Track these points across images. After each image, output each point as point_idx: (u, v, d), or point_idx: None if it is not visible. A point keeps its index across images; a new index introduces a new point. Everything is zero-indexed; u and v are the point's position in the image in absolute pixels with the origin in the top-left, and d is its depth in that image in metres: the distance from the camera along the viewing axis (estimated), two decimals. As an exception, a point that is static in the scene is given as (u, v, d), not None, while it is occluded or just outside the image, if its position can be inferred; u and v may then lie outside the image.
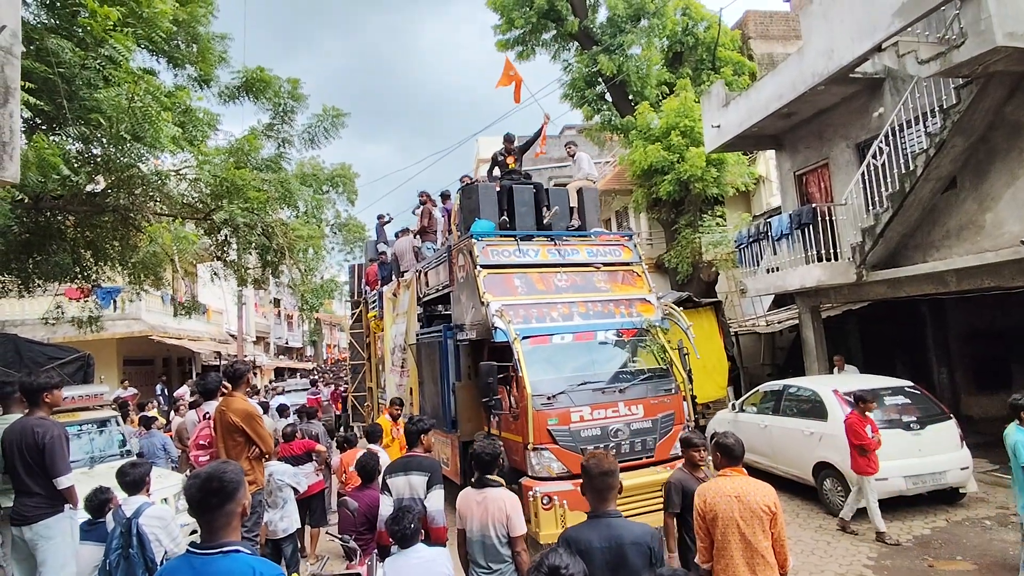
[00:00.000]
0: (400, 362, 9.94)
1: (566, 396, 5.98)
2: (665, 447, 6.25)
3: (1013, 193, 7.65)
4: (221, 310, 25.07)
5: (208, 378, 5.71)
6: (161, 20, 7.20)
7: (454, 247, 7.58)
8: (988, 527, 6.48)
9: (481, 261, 6.75)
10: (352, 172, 14.64)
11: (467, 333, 6.97)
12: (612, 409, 6.09)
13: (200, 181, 8.52)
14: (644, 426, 6.18)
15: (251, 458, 4.67)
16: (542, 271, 7.02)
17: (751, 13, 16.92)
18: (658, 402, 6.35)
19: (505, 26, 16.05)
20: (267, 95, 9.80)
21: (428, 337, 8.30)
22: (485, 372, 5.92)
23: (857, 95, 9.84)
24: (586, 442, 5.80)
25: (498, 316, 6.15)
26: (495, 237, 7.07)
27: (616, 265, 7.47)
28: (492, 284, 6.59)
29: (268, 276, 10.96)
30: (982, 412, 10.93)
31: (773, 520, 3.18)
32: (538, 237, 7.36)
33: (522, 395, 5.89)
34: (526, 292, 6.74)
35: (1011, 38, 6.47)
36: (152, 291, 13.08)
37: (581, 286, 7.07)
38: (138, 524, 3.64)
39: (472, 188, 7.84)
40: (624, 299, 7.09)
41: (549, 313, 6.62)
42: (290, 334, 41.88)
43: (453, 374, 7.37)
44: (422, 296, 8.95)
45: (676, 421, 6.37)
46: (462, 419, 7.11)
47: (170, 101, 7.28)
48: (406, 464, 4.33)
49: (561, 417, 5.87)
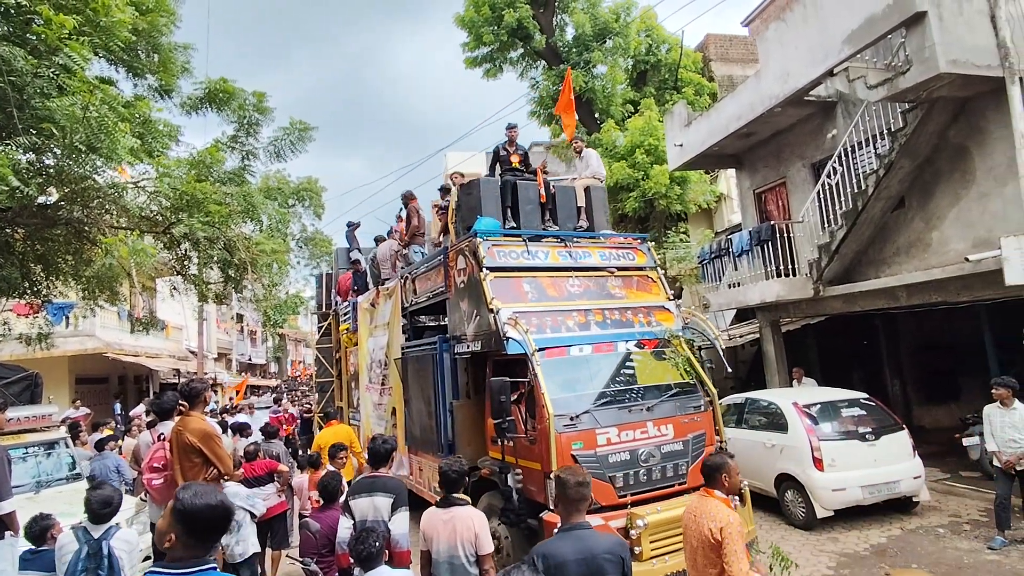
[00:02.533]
0: (380, 379, 9.14)
1: (590, 416, 5.29)
2: (698, 472, 5.73)
3: (957, 213, 8.03)
4: (181, 326, 24.35)
5: (164, 397, 5.51)
6: (119, 29, 7.03)
7: (452, 248, 6.80)
8: (941, 535, 6.69)
9: (487, 263, 6.01)
10: (319, 186, 14.47)
11: (469, 345, 6.25)
12: (640, 430, 5.40)
13: (159, 194, 8.31)
14: (675, 448, 5.51)
15: (209, 480, 4.52)
16: (553, 275, 6.34)
17: (711, 36, 17.47)
18: (688, 421, 5.69)
19: (473, 43, 16.22)
20: (231, 107, 9.65)
21: (418, 350, 7.53)
22: (497, 389, 5.22)
23: (812, 117, 10.23)
24: (614, 468, 5.17)
25: (510, 325, 5.46)
26: (500, 237, 6.37)
27: (630, 270, 6.84)
28: (499, 289, 5.87)
29: (230, 291, 10.71)
30: (933, 422, 11.35)
31: (718, 547, 3.02)
32: (547, 238, 6.68)
33: (541, 415, 5.16)
34: (537, 298, 6.04)
35: (953, 65, 6.85)
36: (108, 306, 12.62)
37: (595, 292, 6.40)
38: (110, 546, 3.50)
39: (473, 184, 7.12)
40: (642, 307, 6.44)
41: (564, 322, 5.92)
42: (253, 350, 40.87)
43: (449, 391, 6.63)
44: (408, 305, 8.13)
45: (707, 442, 5.74)
46: (461, 442, 6.36)
47: (128, 111, 7.10)
48: (371, 485, 4.23)
49: (586, 440, 5.16)
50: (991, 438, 6.33)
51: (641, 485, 5.22)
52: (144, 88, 9.06)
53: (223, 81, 9.46)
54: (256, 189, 10.08)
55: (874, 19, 7.28)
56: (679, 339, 6.21)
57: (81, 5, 6.66)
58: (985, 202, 7.69)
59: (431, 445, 6.92)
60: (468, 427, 6.39)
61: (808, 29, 8.35)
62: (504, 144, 7.80)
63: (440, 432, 6.68)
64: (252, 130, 9.98)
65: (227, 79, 9.50)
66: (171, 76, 9.02)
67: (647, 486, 5.25)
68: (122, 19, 7.00)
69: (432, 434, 6.93)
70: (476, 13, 15.62)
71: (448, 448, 6.48)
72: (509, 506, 5.32)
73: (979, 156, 7.74)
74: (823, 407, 7.48)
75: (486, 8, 15.44)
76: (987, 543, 6.24)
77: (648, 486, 5.25)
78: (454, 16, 16.21)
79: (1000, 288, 7.06)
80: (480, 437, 6.30)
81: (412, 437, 7.69)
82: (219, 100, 9.55)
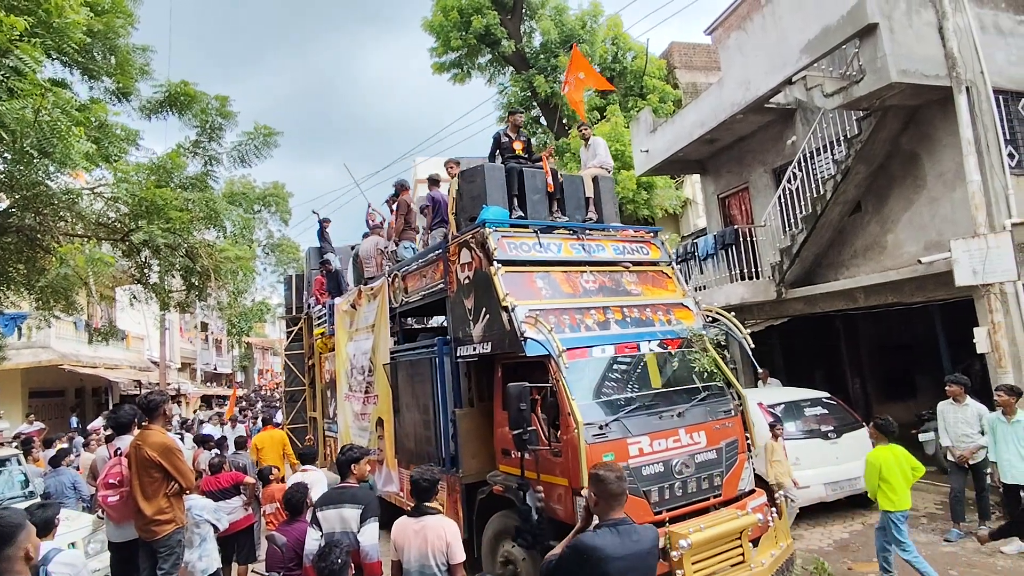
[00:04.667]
0: (363, 386, 8.40)
1: (620, 424, 4.79)
2: (732, 483, 5.11)
3: (910, 217, 8.34)
4: (142, 336, 23.65)
5: (121, 411, 5.31)
6: (73, 30, 6.83)
7: (454, 241, 6.20)
8: (899, 528, 6.90)
9: (498, 256, 5.45)
10: (285, 191, 14.24)
11: (475, 347, 5.65)
12: (673, 438, 4.92)
13: (117, 200, 8.08)
14: (709, 458, 5.03)
15: (170, 495, 4.40)
16: (567, 270, 5.81)
17: (676, 44, 17.81)
18: (720, 427, 5.24)
19: (441, 48, 16.23)
20: (193, 111, 9.44)
21: (412, 355, 6.94)
22: (515, 396, 4.59)
23: (772, 124, 10.51)
24: (648, 482, 4.67)
25: (529, 324, 4.97)
26: (509, 228, 5.81)
27: (645, 264, 6.40)
28: (509, 285, 5.32)
29: (193, 299, 10.44)
30: (892, 419, 11.71)
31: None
32: (559, 229, 6.13)
33: (566, 424, 4.66)
34: (551, 295, 5.50)
35: (904, 75, 7.13)
36: (63, 317, 12.19)
37: (611, 288, 5.89)
38: (47, 572, 3.36)
39: (476, 171, 6.52)
40: (661, 304, 6.00)
41: (583, 320, 5.40)
42: (219, 359, 39.89)
43: (451, 399, 6.07)
44: (398, 306, 7.47)
45: (739, 449, 5.30)
46: (465, 455, 5.76)
47: (83, 115, 6.89)
48: (339, 496, 4.15)
49: (617, 451, 4.65)
50: (945, 433, 6.58)
51: (676, 500, 4.74)
52: (100, 91, 8.81)
53: (184, 84, 9.26)
54: (220, 195, 9.88)
55: (829, 30, 7.53)
56: (703, 338, 5.78)
57: (33, 6, 6.46)
58: (936, 206, 8.01)
59: (428, 459, 6.29)
60: (473, 438, 5.81)
61: (767, 38, 8.60)
62: (505, 130, 7.17)
63: (440, 444, 6.13)
64: (215, 135, 9.78)
65: (188, 82, 9.30)
66: (129, 79, 8.78)
67: (682, 500, 4.77)
68: (76, 20, 6.80)
69: (429, 446, 6.38)
70: (444, 18, 15.64)
71: (450, 462, 5.94)
72: (527, 527, 4.72)
73: (929, 162, 8.06)
74: (787, 407, 7.66)
75: (454, 13, 15.47)
76: (943, 535, 6.47)
77: (683, 500, 4.77)
78: (422, 21, 16.20)
79: (951, 289, 7.35)
80: (486, 449, 5.73)
81: (404, 450, 7.01)
82: (181, 104, 9.34)
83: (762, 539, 4.78)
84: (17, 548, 1.95)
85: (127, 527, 4.59)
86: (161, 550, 4.40)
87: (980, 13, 7.86)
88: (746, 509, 4.88)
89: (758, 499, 5.16)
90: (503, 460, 5.43)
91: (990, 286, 6.94)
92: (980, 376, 8.15)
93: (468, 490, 5.74)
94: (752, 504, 5.02)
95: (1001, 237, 6.81)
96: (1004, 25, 8.09)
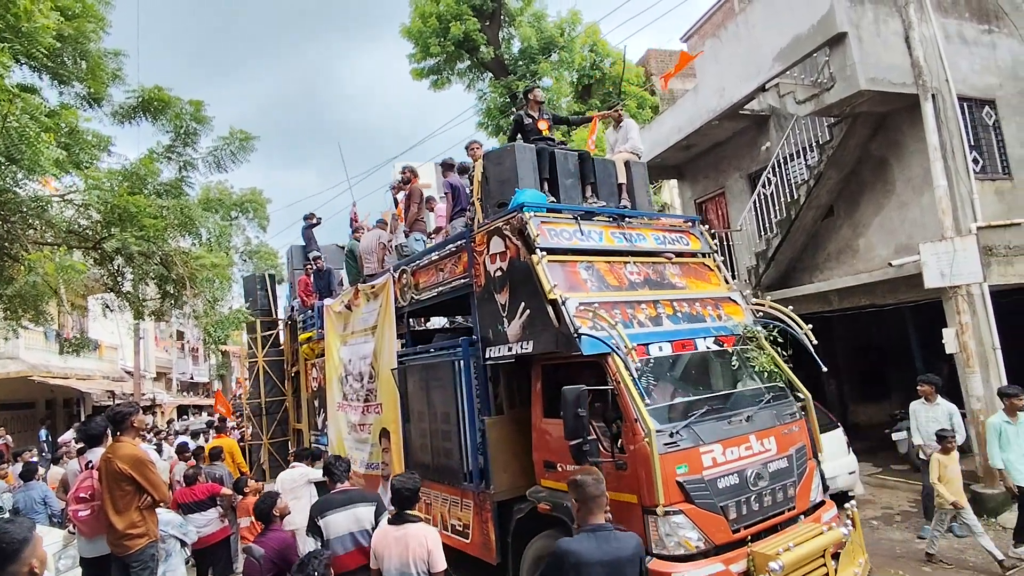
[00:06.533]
0: (361, 394, 7.72)
1: (690, 431, 4.24)
2: (804, 493, 4.62)
3: (880, 221, 8.54)
4: (116, 345, 23.16)
5: (92, 423, 5.19)
6: (43, 35, 6.69)
7: (481, 229, 5.53)
8: (875, 527, 7.02)
9: (540, 243, 4.85)
10: (263, 197, 14.06)
11: (511, 347, 5.03)
12: (744, 445, 4.37)
13: (89, 207, 7.91)
14: (781, 466, 4.52)
15: (142, 508, 4.31)
16: (610, 260, 5.27)
17: (653, 51, 18.05)
18: (788, 432, 4.75)
19: (420, 54, 16.21)
20: (167, 116, 9.30)
21: (427, 358, 6.29)
22: (571, 400, 4.00)
23: (747, 130, 10.70)
24: (725, 496, 4.09)
25: (582, 318, 4.45)
26: (547, 213, 5.24)
27: (686, 255, 5.88)
28: (553, 276, 4.76)
29: (169, 308, 10.25)
30: (867, 419, 11.95)
31: None
32: (598, 215, 5.59)
33: (632, 432, 4.11)
34: (597, 287, 4.94)
35: (873, 83, 7.32)
36: (32, 327, 11.88)
37: (656, 281, 5.36)
38: None
39: (505, 152, 5.87)
40: (709, 298, 5.50)
41: (635, 316, 4.84)
42: (195, 368, 39.21)
43: (478, 406, 5.43)
44: (407, 304, 6.78)
45: (807, 456, 4.86)
46: (496, 468, 5.14)
47: (53, 121, 6.76)
48: (347, 498, 4.17)
49: (690, 461, 4.10)
50: (917, 432, 6.71)
51: (753, 515, 4.20)
52: (71, 96, 8.64)
53: (158, 89, 9.11)
54: (195, 201, 9.73)
55: (800, 38, 7.71)
56: (759, 334, 5.29)
57: (1, 10, 6.32)
58: (905, 211, 8.21)
59: (449, 473, 5.70)
60: (505, 449, 5.22)
61: (741, 46, 8.77)
62: (526, 110, 6.44)
63: (466, 456, 5.47)
64: (190, 140, 9.64)
65: (162, 87, 9.16)
66: (100, 84, 8.62)
67: (759, 515, 4.24)
68: (46, 24, 6.67)
69: (450, 460, 5.72)
70: (423, 24, 15.63)
71: (478, 477, 5.31)
72: None
73: (898, 168, 8.27)
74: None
75: (433, 20, 15.47)
76: (918, 533, 6.59)
77: (760, 515, 4.24)
78: (400, 27, 16.18)
79: (921, 291, 7.54)
80: (518, 462, 5.14)
81: (418, 464, 6.31)
82: (154, 109, 9.19)
83: (842, 555, 4.23)
84: (21, 565, 1.84)
85: (99, 542, 4.49)
86: (134, 565, 4.30)
87: (945, 23, 8.11)
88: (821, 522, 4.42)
89: (830, 511, 4.69)
90: (546, 474, 4.80)
91: (957, 288, 7.12)
92: (948, 376, 8.35)
93: (499, 508, 5.10)
94: (826, 516, 4.57)
95: (967, 240, 7.00)
96: (968, 35, 8.36)
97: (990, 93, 8.40)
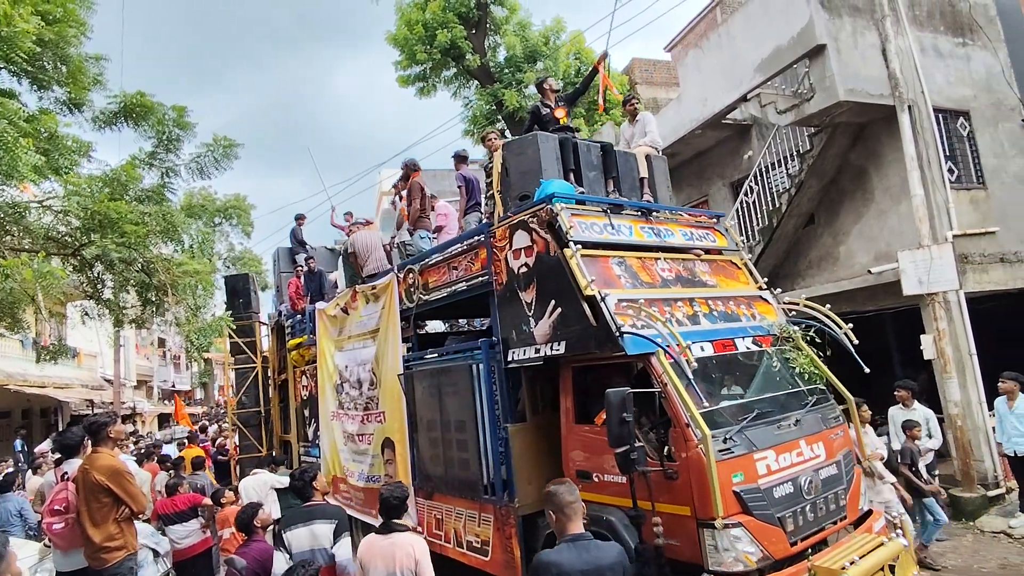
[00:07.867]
0: (360, 404, 7.27)
1: (743, 436, 3.97)
2: (853, 502, 4.45)
3: (860, 229, 8.68)
4: (95, 353, 22.76)
5: (68, 432, 5.11)
6: (23, 39, 6.61)
7: (503, 223, 5.19)
8: (855, 530, 7.09)
9: (573, 236, 4.55)
10: (247, 203, 13.95)
11: (540, 349, 4.68)
12: (795, 451, 4.15)
13: (68, 213, 7.80)
14: (831, 473, 4.31)
15: (120, 520, 4.24)
16: (641, 256, 5.02)
17: (637, 60, 18.23)
18: (835, 436, 4.56)
19: (407, 61, 16.23)
20: (149, 122, 9.21)
21: (440, 362, 5.89)
22: (616, 404, 3.62)
23: (729, 139, 10.84)
24: (781, 506, 3.85)
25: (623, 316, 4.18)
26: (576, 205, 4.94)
27: (714, 252, 5.70)
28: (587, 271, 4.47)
29: (150, 315, 10.11)
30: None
31: None
32: (628, 209, 5.32)
33: (684, 438, 3.83)
34: (631, 284, 4.67)
35: (851, 94, 7.47)
36: (8, 335, 11.65)
37: (687, 279, 5.12)
38: None
39: (526, 141, 5.54)
40: (743, 296, 5.30)
41: (673, 314, 4.57)
42: (177, 376, 38.61)
43: (499, 412, 5.06)
44: (413, 305, 6.37)
45: (854, 461, 4.71)
46: (520, 479, 4.81)
47: (32, 126, 6.67)
48: (308, 514, 4.12)
49: (745, 469, 3.84)
50: (895, 437, 6.82)
51: (809, 526, 3.98)
52: (51, 101, 8.52)
53: (140, 95, 9.02)
54: (177, 208, 9.62)
55: (781, 50, 7.85)
56: (797, 334, 5.07)
57: (-22, 15, 6.24)
58: (884, 219, 8.36)
59: (465, 486, 5.32)
60: (530, 459, 4.90)
61: (723, 57, 8.90)
62: (542, 100, 6.17)
63: (486, 467, 5.07)
64: (172, 146, 9.54)
65: (145, 93, 9.08)
66: (81, 88, 8.52)
67: (814, 526, 4.03)
68: (26, 29, 6.59)
69: (467, 471, 5.30)
70: (409, 32, 15.67)
71: (500, 489, 4.93)
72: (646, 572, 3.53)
73: (877, 177, 8.43)
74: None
75: (419, 27, 15.52)
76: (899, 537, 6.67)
77: (815, 526, 4.04)
78: (386, 34, 16.21)
79: (900, 298, 7.68)
80: (542, 472, 4.78)
81: (428, 477, 5.90)
82: (136, 115, 9.09)
83: (897, 568, 4.04)
84: None
85: (75, 555, 4.41)
86: (112, 578, 4.23)
87: (920, 36, 8.31)
88: (873, 532, 4.26)
89: (879, 520, 4.53)
90: (580, 484, 4.30)
91: (935, 295, 7.26)
92: (928, 382, 8.48)
93: (524, 522, 4.76)
94: (876, 526, 4.40)
95: (943, 248, 7.15)
96: (943, 47, 8.57)
97: (964, 104, 8.61)
